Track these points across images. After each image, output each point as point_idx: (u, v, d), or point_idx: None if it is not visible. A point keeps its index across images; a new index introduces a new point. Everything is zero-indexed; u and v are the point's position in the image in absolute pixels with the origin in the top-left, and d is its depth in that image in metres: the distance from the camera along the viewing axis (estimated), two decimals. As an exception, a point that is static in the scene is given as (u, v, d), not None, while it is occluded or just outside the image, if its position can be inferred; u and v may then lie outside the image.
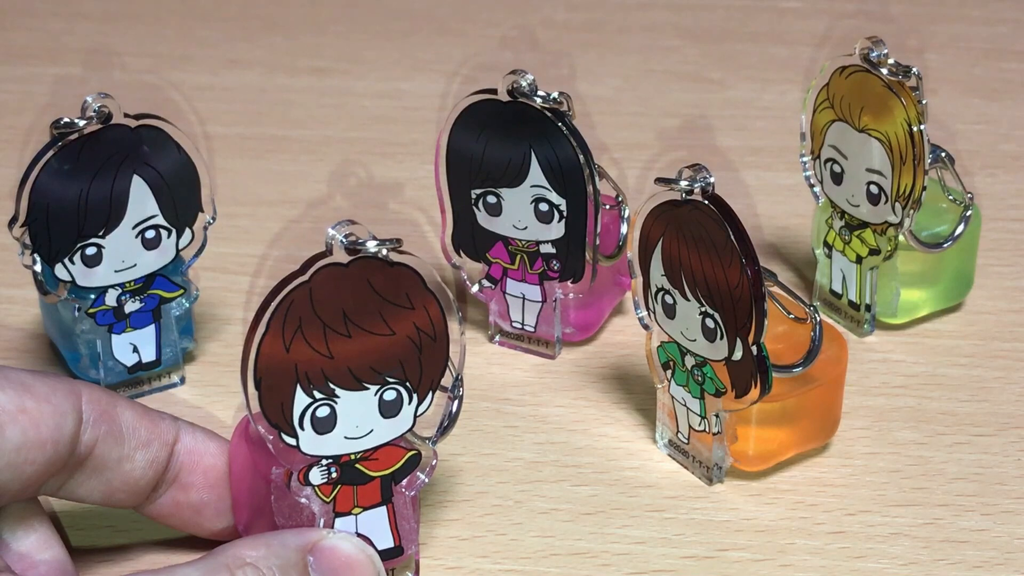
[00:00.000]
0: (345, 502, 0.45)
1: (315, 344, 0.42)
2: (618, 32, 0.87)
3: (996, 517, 0.50)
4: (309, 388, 0.43)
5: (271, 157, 0.73)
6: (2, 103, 0.79)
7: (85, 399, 0.43)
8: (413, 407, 0.45)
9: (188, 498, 0.46)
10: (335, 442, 0.44)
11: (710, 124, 0.76)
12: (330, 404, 0.43)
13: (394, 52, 0.84)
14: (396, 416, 0.44)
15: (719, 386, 0.49)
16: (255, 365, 0.42)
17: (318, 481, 0.44)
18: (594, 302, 0.58)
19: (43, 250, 0.52)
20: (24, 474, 0.41)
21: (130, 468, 0.44)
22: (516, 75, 0.53)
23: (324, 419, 0.43)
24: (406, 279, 0.43)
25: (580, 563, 0.48)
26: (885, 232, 0.57)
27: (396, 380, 0.44)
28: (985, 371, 0.57)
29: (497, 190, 0.56)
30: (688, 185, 0.47)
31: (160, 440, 0.45)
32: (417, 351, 0.44)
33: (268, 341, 0.42)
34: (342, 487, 0.45)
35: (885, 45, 0.55)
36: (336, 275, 0.42)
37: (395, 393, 0.44)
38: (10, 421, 0.41)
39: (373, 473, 0.45)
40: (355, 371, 0.43)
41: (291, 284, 0.42)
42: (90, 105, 0.51)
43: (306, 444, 0.43)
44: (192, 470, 0.45)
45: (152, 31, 0.87)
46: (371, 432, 0.44)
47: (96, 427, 0.43)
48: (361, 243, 0.42)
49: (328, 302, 0.42)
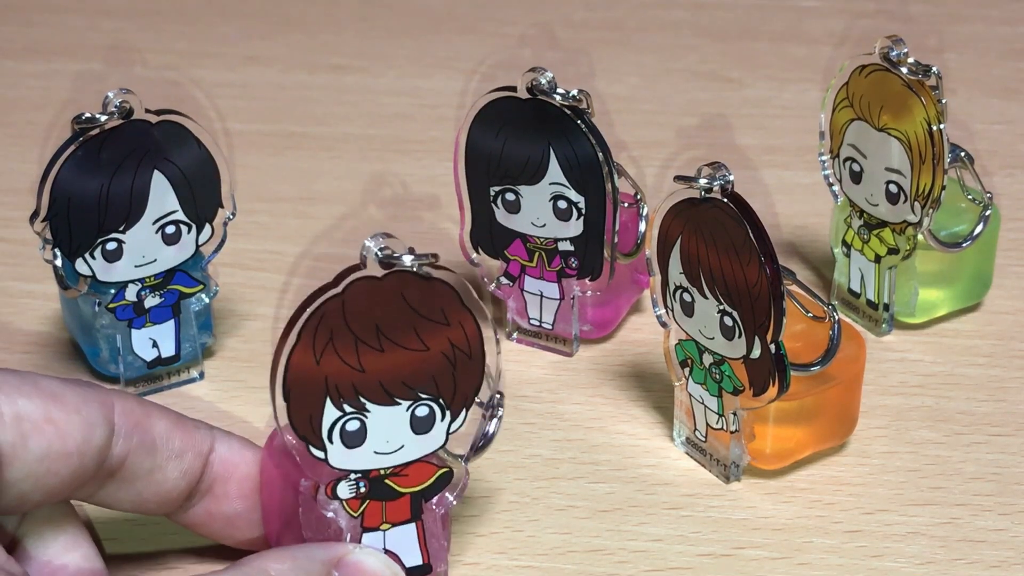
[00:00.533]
0: (373, 517, 0.44)
1: (346, 357, 0.41)
2: (637, 30, 0.87)
3: (1014, 517, 0.50)
4: (339, 401, 0.42)
5: (290, 153, 0.74)
6: (23, 98, 0.79)
7: (118, 410, 0.42)
8: (446, 424, 0.44)
9: (221, 509, 0.45)
10: (364, 456, 0.43)
11: (729, 123, 0.76)
12: (360, 418, 0.42)
13: (413, 50, 0.84)
14: (428, 432, 0.43)
15: (737, 384, 0.49)
16: (284, 377, 0.41)
17: (346, 495, 0.44)
18: (612, 300, 0.58)
19: (64, 245, 0.52)
20: (47, 484, 0.40)
21: (162, 479, 0.43)
22: (535, 73, 0.54)
23: (354, 433, 0.42)
24: (442, 294, 0.42)
25: (597, 560, 0.48)
26: (904, 231, 0.57)
27: (429, 396, 0.43)
28: (1003, 371, 0.57)
29: (516, 187, 0.56)
30: (707, 183, 0.47)
31: (194, 450, 0.44)
32: (451, 367, 0.43)
33: (298, 353, 0.41)
34: (370, 502, 0.44)
35: (905, 44, 0.54)
36: (370, 288, 0.41)
37: (427, 409, 0.43)
38: (35, 431, 0.40)
39: (403, 489, 0.44)
40: (387, 385, 0.42)
41: (323, 296, 0.41)
42: (111, 101, 0.51)
43: (335, 457, 0.43)
44: (227, 481, 0.45)
45: (173, 28, 0.87)
46: (402, 448, 0.43)
47: (128, 439, 0.42)
48: (396, 257, 0.41)
49: (361, 315, 0.41)
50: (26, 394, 0.40)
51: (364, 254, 0.41)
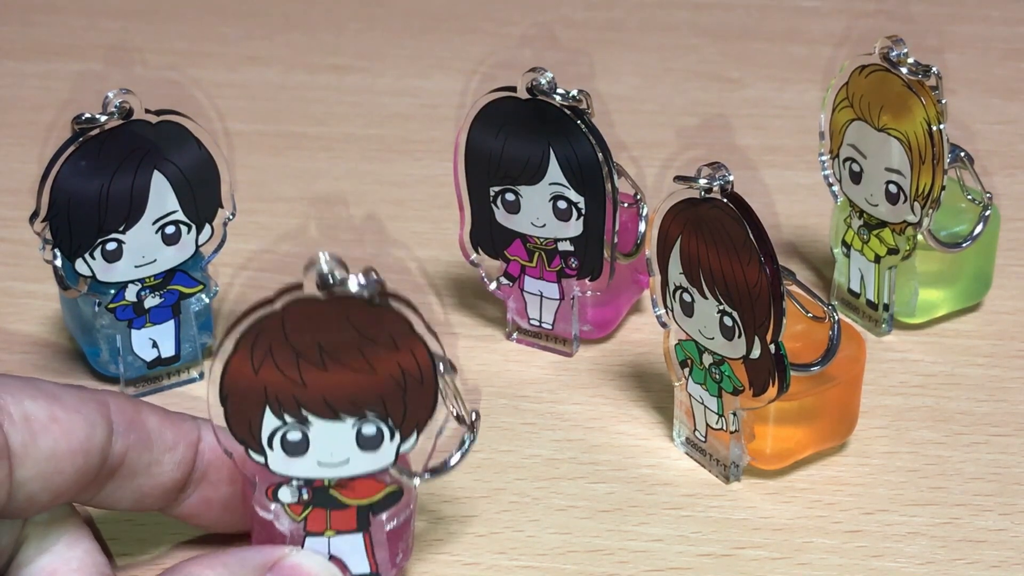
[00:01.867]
0: (317, 523, 0.43)
1: (286, 371, 0.40)
2: (637, 31, 0.87)
3: (1014, 517, 0.50)
4: (279, 411, 0.41)
5: (290, 154, 0.74)
6: (23, 98, 0.79)
7: (113, 409, 0.42)
8: (395, 444, 0.42)
9: (217, 494, 0.45)
10: (307, 466, 0.42)
11: (728, 123, 0.76)
12: (302, 429, 0.41)
13: (413, 49, 0.84)
14: (376, 450, 0.42)
15: (737, 384, 0.49)
16: (221, 382, 0.40)
17: (287, 500, 0.43)
18: (612, 300, 0.58)
19: (64, 245, 0.52)
20: (54, 484, 0.41)
21: (159, 472, 0.44)
22: (535, 73, 0.54)
23: (296, 443, 0.41)
24: (391, 320, 0.40)
25: (597, 560, 0.48)
26: (904, 231, 0.57)
27: (376, 416, 0.42)
28: (1003, 371, 0.57)
29: (515, 188, 0.56)
30: (707, 183, 0.47)
31: (185, 441, 0.44)
32: (402, 391, 0.41)
33: (236, 361, 0.40)
34: (314, 508, 0.43)
35: (905, 44, 0.54)
36: (310, 309, 0.40)
37: (375, 428, 0.42)
38: (42, 430, 0.40)
39: (349, 501, 0.43)
40: (331, 401, 0.41)
41: (260, 311, 0.40)
42: (111, 101, 0.51)
43: (275, 463, 0.42)
44: (219, 466, 0.45)
45: (172, 28, 0.87)
46: (347, 461, 0.42)
47: (126, 436, 0.42)
48: (340, 283, 0.39)
49: (302, 333, 0.40)
50: (30, 395, 0.41)
51: (306, 272, 0.39)
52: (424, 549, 0.48)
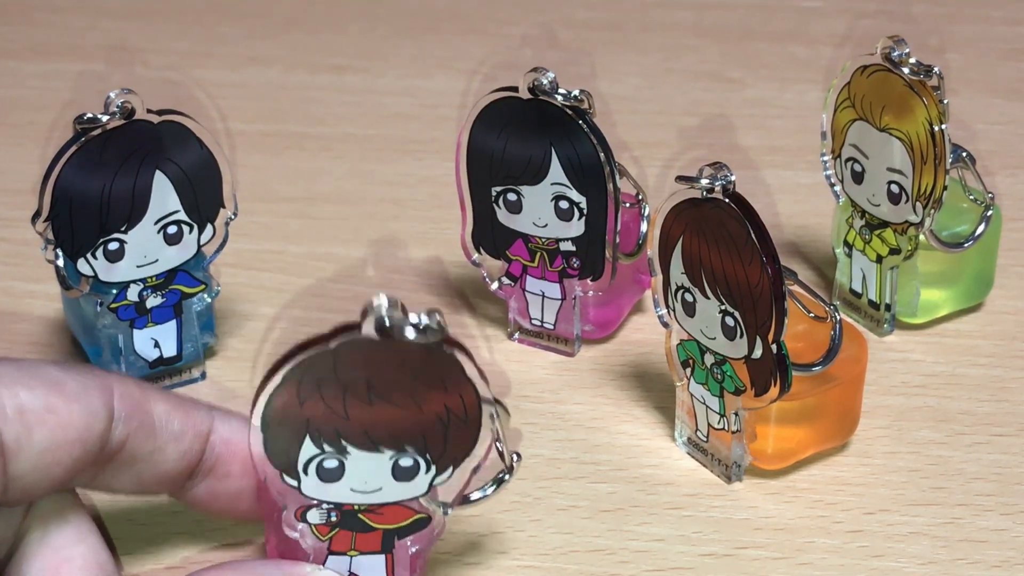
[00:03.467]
0: (342, 543, 0.43)
1: (332, 404, 0.40)
2: (638, 31, 0.87)
3: (1015, 517, 0.50)
4: (319, 441, 0.41)
5: (291, 154, 0.74)
6: (25, 99, 0.79)
7: (117, 394, 0.42)
8: (431, 476, 0.42)
9: (225, 487, 0.44)
10: (340, 491, 0.42)
11: (730, 123, 0.76)
12: (340, 459, 0.41)
13: (414, 49, 0.84)
14: (410, 481, 0.42)
15: (738, 384, 0.49)
16: (264, 414, 0.40)
17: (316, 521, 0.43)
18: (613, 300, 0.58)
19: (66, 245, 0.52)
20: (51, 474, 0.40)
21: (161, 460, 0.43)
22: (537, 73, 0.54)
23: (331, 470, 0.41)
24: (445, 363, 0.40)
25: (599, 560, 0.48)
26: (905, 232, 0.57)
27: (415, 450, 0.42)
28: (1005, 371, 0.57)
29: (517, 188, 0.56)
30: (709, 183, 0.47)
31: (194, 431, 0.43)
32: (444, 429, 0.41)
33: (281, 395, 0.40)
34: (340, 531, 0.43)
35: (906, 44, 0.54)
36: (365, 348, 0.39)
37: (412, 461, 0.42)
38: (38, 423, 0.40)
39: (376, 525, 0.43)
40: (372, 435, 0.41)
41: (313, 349, 0.39)
42: (113, 101, 0.51)
43: (308, 488, 0.42)
44: (230, 460, 0.44)
45: (174, 28, 0.87)
46: (380, 490, 0.42)
47: (128, 423, 0.42)
48: (399, 329, 0.38)
49: (352, 370, 0.39)
50: (26, 385, 0.40)
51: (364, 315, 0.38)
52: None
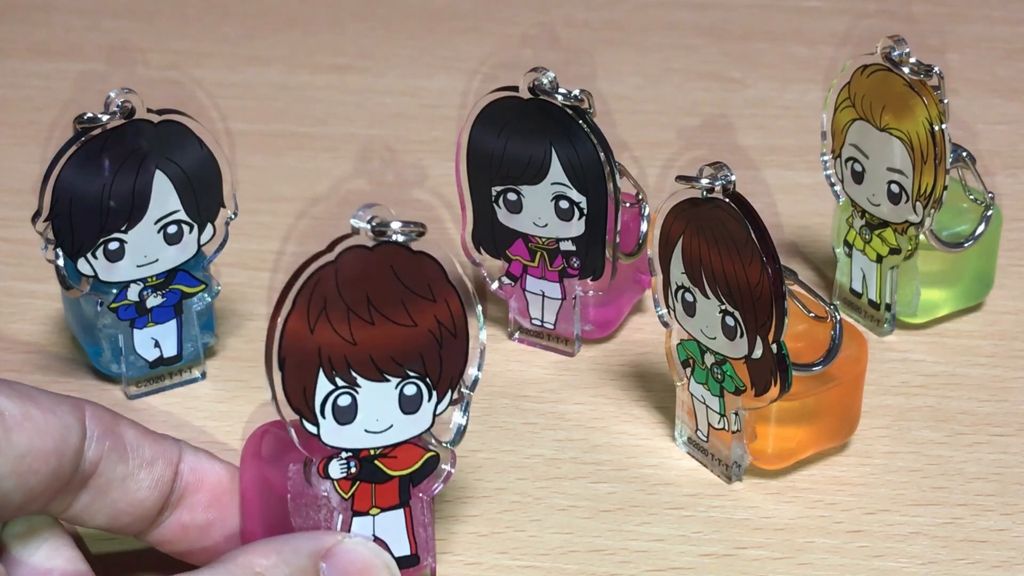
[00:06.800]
0: (363, 501, 0.45)
1: (339, 328, 0.42)
2: (639, 30, 0.87)
3: (1015, 517, 0.50)
4: (332, 374, 0.42)
5: (292, 154, 0.74)
6: (26, 98, 0.79)
7: (89, 414, 0.42)
8: (432, 404, 0.44)
9: (194, 519, 0.44)
10: (355, 434, 0.44)
11: (730, 123, 0.76)
12: (351, 393, 0.43)
13: (415, 49, 0.84)
14: (416, 413, 0.44)
15: (739, 384, 0.49)
16: (280, 343, 0.41)
17: (337, 474, 0.44)
18: (614, 300, 0.58)
19: (66, 245, 0.52)
20: (28, 484, 0.40)
21: (135, 488, 0.43)
22: (537, 72, 0.54)
23: (345, 408, 0.43)
24: (429, 269, 0.43)
25: (599, 560, 0.48)
26: (906, 231, 0.57)
27: (416, 374, 0.44)
28: (1005, 371, 0.57)
29: (517, 187, 0.56)
30: (709, 183, 0.47)
31: (164, 458, 0.44)
32: (438, 345, 0.44)
33: (293, 320, 0.41)
34: (360, 484, 0.44)
35: (907, 44, 0.55)
36: (361, 258, 0.42)
37: (415, 388, 0.44)
38: (16, 427, 0.40)
39: (392, 472, 0.45)
40: (377, 360, 0.43)
41: (318, 262, 0.41)
42: (113, 100, 0.51)
43: (327, 434, 0.43)
44: (197, 489, 0.44)
45: (174, 28, 0.87)
46: (391, 427, 0.44)
47: (100, 442, 0.42)
48: (386, 225, 0.41)
49: (353, 285, 0.42)
50: (4, 394, 0.40)
51: (355, 223, 0.41)
52: (426, 549, 0.48)
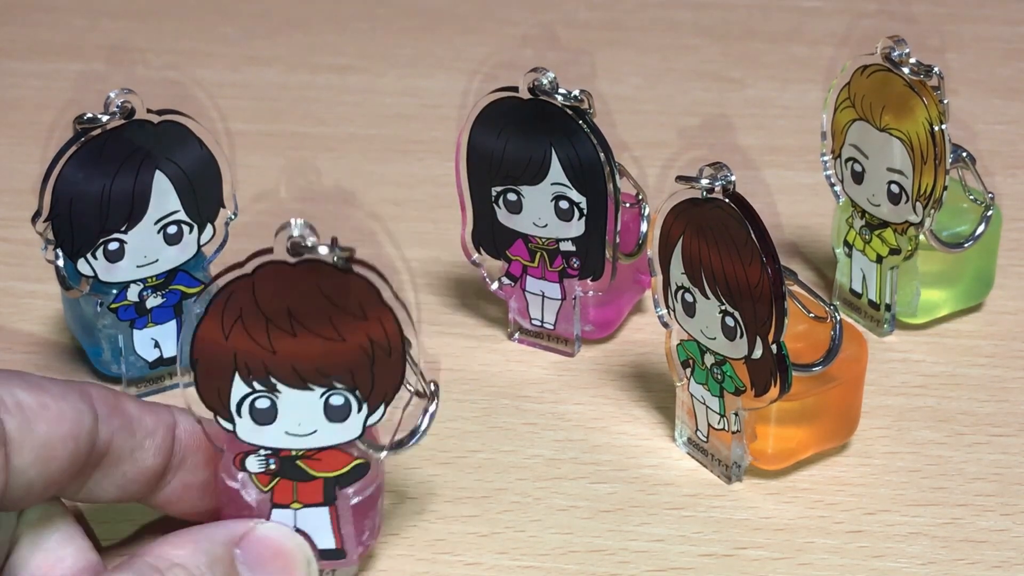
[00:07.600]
0: (284, 495, 0.44)
1: (256, 337, 0.41)
2: (639, 31, 0.87)
3: (1015, 517, 0.50)
4: (248, 378, 0.42)
5: (292, 154, 0.73)
6: (25, 98, 0.79)
7: (95, 397, 0.43)
8: (363, 416, 0.43)
9: (196, 478, 0.45)
10: (275, 435, 0.43)
11: (730, 123, 0.76)
12: (270, 397, 0.42)
13: (414, 49, 0.84)
14: (343, 421, 0.43)
15: (739, 384, 0.49)
16: (191, 347, 0.41)
17: (255, 469, 0.43)
18: (613, 300, 0.58)
19: (66, 245, 0.52)
20: (49, 470, 0.41)
21: (143, 457, 0.44)
22: (537, 73, 0.54)
23: (264, 411, 0.42)
24: (360, 289, 0.41)
25: (598, 560, 0.48)
26: (906, 232, 0.57)
27: (344, 387, 0.42)
28: (1005, 371, 0.57)
29: (517, 188, 0.56)
30: (709, 183, 0.47)
31: (164, 425, 0.45)
32: (369, 362, 0.42)
33: (206, 325, 0.41)
34: (281, 480, 0.44)
35: (907, 44, 0.55)
36: (281, 273, 0.40)
37: (343, 399, 0.42)
38: (35, 417, 0.41)
39: (315, 473, 0.44)
40: (300, 370, 0.41)
41: (231, 275, 0.40)
42: (113, 101, 0.51)
43: (243, 432, 0.43)
44: (196, 449, 0.45)
45: (174, 28, 0.87)
46: (315, 432, 0.43)
47: (110, 422, 0.43)
48: (310, 247, 0.40)
49: (272, 299, 0.41)
50: (19, 385, 0.41)
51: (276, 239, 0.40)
52: (425, 549, 0.48)
